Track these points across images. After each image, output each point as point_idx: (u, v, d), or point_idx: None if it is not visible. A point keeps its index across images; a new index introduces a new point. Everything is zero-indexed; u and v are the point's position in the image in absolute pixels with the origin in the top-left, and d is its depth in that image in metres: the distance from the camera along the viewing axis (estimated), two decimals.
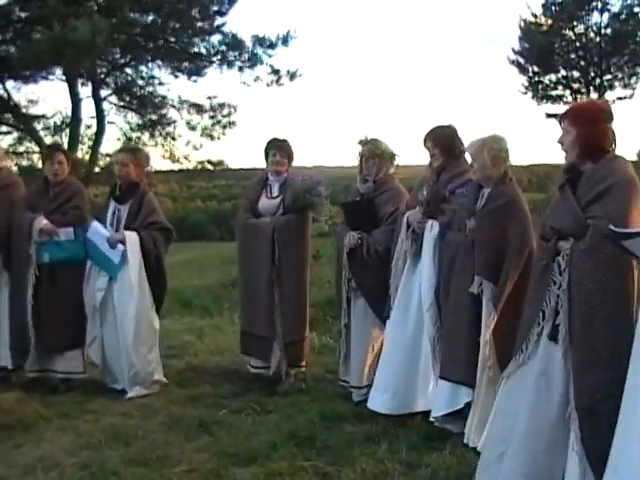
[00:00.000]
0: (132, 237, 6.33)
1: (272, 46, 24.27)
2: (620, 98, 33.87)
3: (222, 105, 26.24)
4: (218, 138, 26.45)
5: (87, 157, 25.89)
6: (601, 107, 4.13)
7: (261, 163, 6.78)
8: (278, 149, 6.61)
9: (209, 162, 27.37)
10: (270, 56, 24.44)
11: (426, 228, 5.38)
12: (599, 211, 3.81)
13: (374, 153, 6.06)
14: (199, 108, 26.19)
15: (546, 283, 3.96)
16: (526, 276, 4.60)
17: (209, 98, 26.21)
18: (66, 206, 6.51)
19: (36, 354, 6.42)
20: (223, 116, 26.28)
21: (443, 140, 5.52)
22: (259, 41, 24.13)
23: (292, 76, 24.93)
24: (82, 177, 20.30)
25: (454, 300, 5.01)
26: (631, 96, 33.77)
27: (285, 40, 24.22)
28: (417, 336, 5.42)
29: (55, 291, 6.43)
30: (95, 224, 6.41)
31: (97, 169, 25.70)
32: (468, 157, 5.23)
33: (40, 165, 6.42)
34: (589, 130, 3.97)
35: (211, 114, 26.24)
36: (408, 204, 5.73)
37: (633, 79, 33.75)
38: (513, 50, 34.78)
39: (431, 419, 5.17)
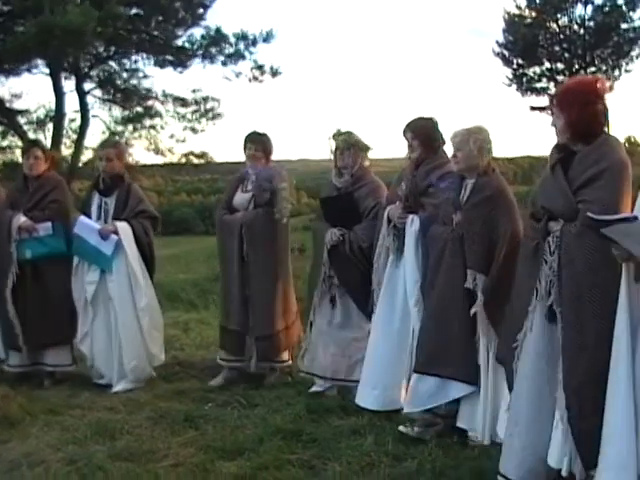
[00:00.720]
0: (124, 227, 6.37)
1: (254, 43, 24.36)
2: (607, 92, 33.98)
3: (206, 98, 26.27)
4: (202, 131, 26.50)
5: (71, 151, 25.84)
6: (588, 87, 4.03)
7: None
8: (253, 142, 6.55)
9: (192, 154, 27.38)
10: (252, 53, 24.55)
11: (407, 223, 5.34)
12: (590, 195, 3.80)
13: (349, 144, 6.03)
14: (183, 101, 26.19)
15: (538, 262, 3.98)
16: (516, 264, 4.61)
17: (193, 91, 26.24)
18: (44, 201, 6.52)
19: (26, 349, 6.45)
20: (207, 110, 26.30)
21: (423, 132, 5.46)
22: (241, 38, 24.21)
23: (274, 73, 25.04)
24: (66, 172, 20.28)
25: (443, 295, 4.96)
26: (610, 88, 33.89)
27: (267, 38, 24.33)
28: (404, 331, 5.39)
29: (40, 287, 6.45)
30: (82, 218, 6.41)
31: (81, 163, 25.63)
32: (449, 148, 5.18)
33: (22, 160, 6.50)
34: (577, 113, 3.91)
35: (195, 108, 26.25)
36: (388, 199, 5.70)
37: (616, 71, 33.90)
38: (497, 42, 34.87)
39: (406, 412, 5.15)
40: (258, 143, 6.56)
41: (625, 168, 3.88)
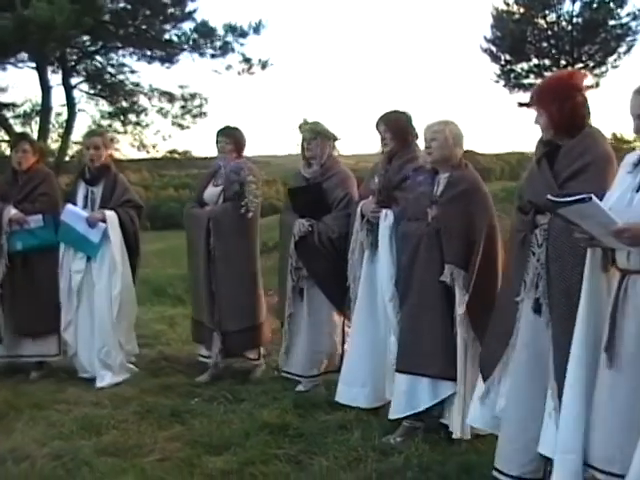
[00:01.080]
0: (111, 215, 6.43)
1: (244, 34, 24.21)
2: (587, 87, 34.12)
3: (193, 95, 26.16)
4: (188, 127, 26.37)
5: (58, 145, 25.69)
6: (566, 82, 4.05)
7: None
8: (224, 136, 6.51)
9: (176, 152, 27.31)
10: (242, 45, 24.40)
11: (380, 218, 5.27)
12: (576, 189, 3.72)
13: (316, 132, 5.99)
14: (170, 97, 26.08)
15: (526, 254, 3.98)
16: (493, 259, 4.71)
17: (181, 87, 26.12)
18: (34, 194, 6.58)
19: (7, 340, 6.47)
20: (194, 107, 26.19)
21: (396, 125, 5.41)
22: (231, 29, 24.06)
23: (264, 65, 24.89)
24: (52, 166, 20.18)
25: (421, 292, 4.90)
26: (597, 84, 33.97)
27: (257, 28, 24.17)
28: (387, 327, 5.33)
29: (29, 278, 6.51)
30: (69, 206, 6.46)
31: (68, 157, 25.50)
32: (422, 142, 5.06)
33: (9, 153, 6.66)
34: (558, 109, 3.93)
35: (182, 103, 26.14)
36: (361, 194, 5.64)
37: (603, 67, 33.97)
38: (485, 38, 34.85)
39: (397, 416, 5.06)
40: (228, 136, 6.52)
41: (610, 161, 3.90)
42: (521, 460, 4.00)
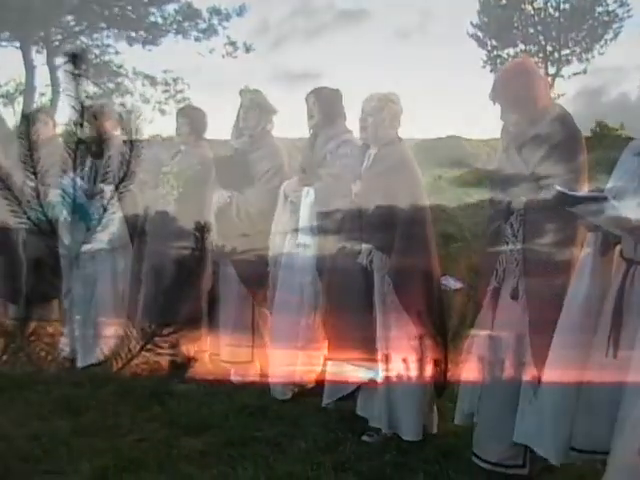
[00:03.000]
0: (112, 189, 6.38)
1: (227, 18, 24.33)
2: (575, 73, 34.26)
3: (176, 80, 26.16)
4: (170, 114, 26.38)
5: None
6: (521, 70, 4.04)
7: (213, 134, 6.65)
8: (182, 116, 6.32)
9: (159, 137, 27.28)
10: (225, 28, 24.51)
11: (302, 196, 5.15)
12: (549, 171, 3.80)
13: (256, 103, 5.78)
14: (153, 80, 26.05)
15: (499, 244, 3.97)
16: (422, 242, 4.58)
17: (164, 72, 26.09)
18: (53, 169, 6.65)
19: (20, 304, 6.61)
20: (177, 91, 26.20)
21: (325, 99, 5.29)
22: (215, 12, 24.15)
23: (247, 49, 24.97)
24: None
25: (342, 274, 4.74)
26: (584, 71, 34.06)
27: (240, 12, 24.29)
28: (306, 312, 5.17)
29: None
30: (70, 176, 6.48)
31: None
32: (361, 113, 4.85)
33: None
34: (524, 100, 3.93)
35: (165, 88, 26.12)
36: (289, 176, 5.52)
37: (590, 54, 34.04)
38: (472, 24, 34.83)
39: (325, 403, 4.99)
40: (187, 117, 6.30)
41: (578, 140, 3.92)
42: (498, 447, 3.99)
